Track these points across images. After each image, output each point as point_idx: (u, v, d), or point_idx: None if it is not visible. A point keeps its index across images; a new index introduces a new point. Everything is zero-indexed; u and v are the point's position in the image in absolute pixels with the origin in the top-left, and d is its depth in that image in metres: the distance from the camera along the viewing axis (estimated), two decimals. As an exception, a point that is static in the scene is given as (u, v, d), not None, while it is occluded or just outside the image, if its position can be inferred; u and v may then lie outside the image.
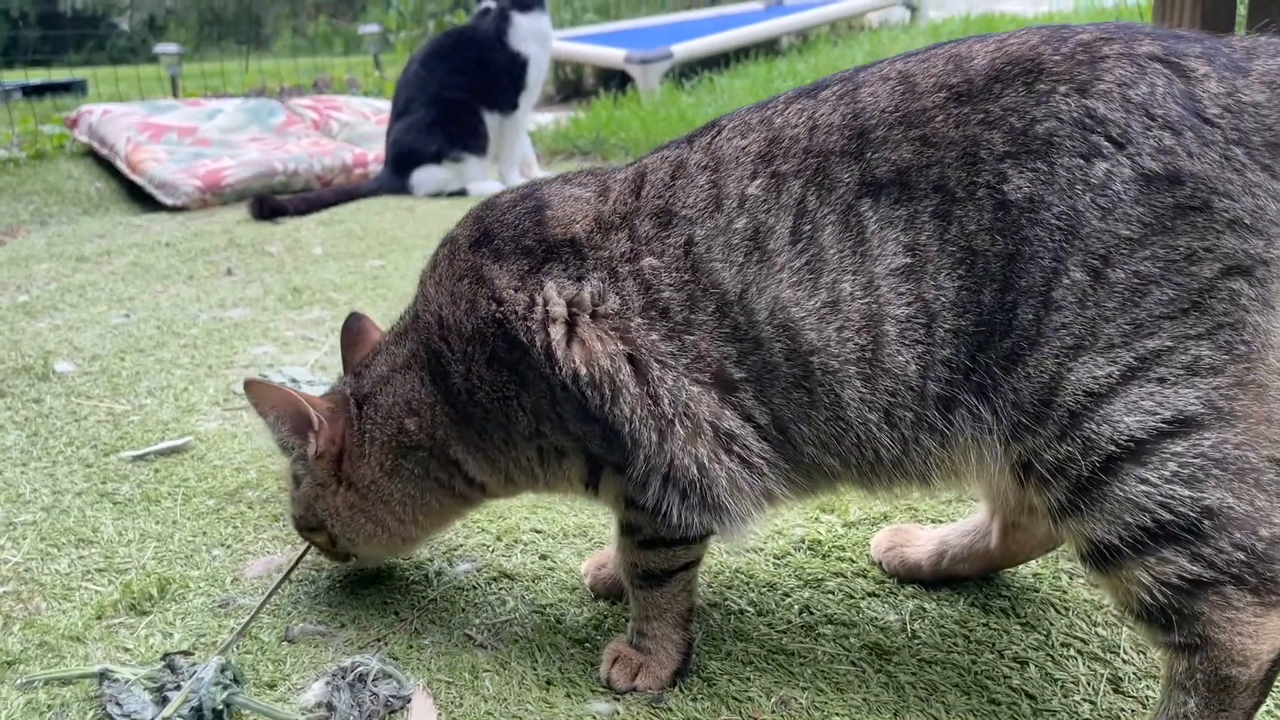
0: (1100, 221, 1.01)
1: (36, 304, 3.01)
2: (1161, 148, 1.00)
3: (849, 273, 1.10)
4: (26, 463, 1.95)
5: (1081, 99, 1.03)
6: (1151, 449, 1.00)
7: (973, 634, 1.40)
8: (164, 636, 1.42)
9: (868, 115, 1.12)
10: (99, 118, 4.93)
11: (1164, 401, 1.00)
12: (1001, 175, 1.04)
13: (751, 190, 1.15)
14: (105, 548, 1.65)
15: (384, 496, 1.40)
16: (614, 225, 1.22)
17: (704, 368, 1.17)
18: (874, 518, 1.68)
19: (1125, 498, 1.02)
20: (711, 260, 1.16)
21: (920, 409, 1.11)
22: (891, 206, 1.09)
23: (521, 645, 1.39)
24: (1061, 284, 1.02)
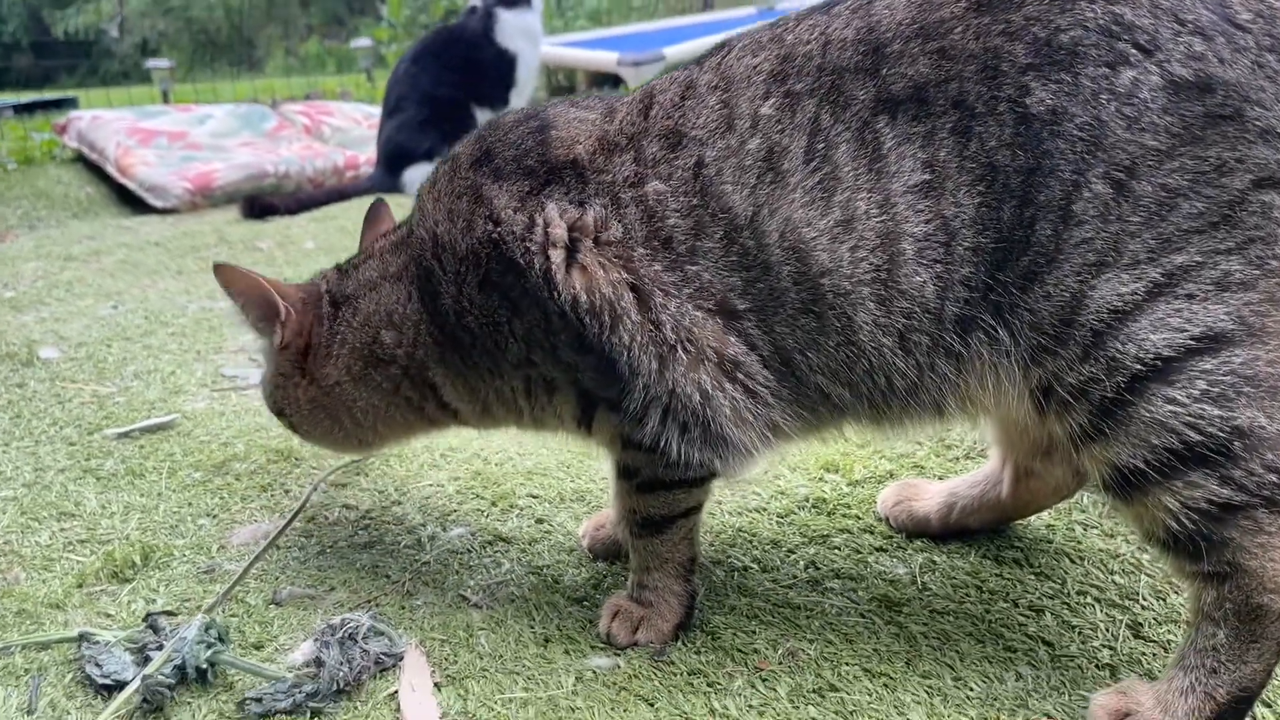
0: (1126, 131, 0.96)
1: (23, 299, 2.96)
2: (1191, 54, 0.95)
3: (864, 190, 1.05)
4: (8, 443, 1.90)
5: (1108, 5, 0.98)
6: (1179, 367, 0.96)
7: (985, 584, 1.35)
8: (147, 602, 1.37)
9: (883, 29, 1.07)
10: (88, 123, 4.89)
11: (1192, 318, 0.96)
12: (1024, 88, 0.99)
13: (765, 110, 1.10)
14: (88, 520, 1.60)
15: (346, 401, 1.37)
16: (619, 146, 1.17)
17: (708, 295, 1.12)
18: (879, 475, 1.63)
19: (1152, 419, 0.97)
20: (722, 183, 1.11)
21: (937, 331, 1.06)
22: (909, 123, 1.04)
23: (518, 605, 1.34)
24: (1082, 197, 0.97)
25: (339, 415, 1.39)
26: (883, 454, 1.70)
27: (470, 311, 1.22)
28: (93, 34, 17.07)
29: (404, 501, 1.63)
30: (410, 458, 1.79)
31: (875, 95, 1.05)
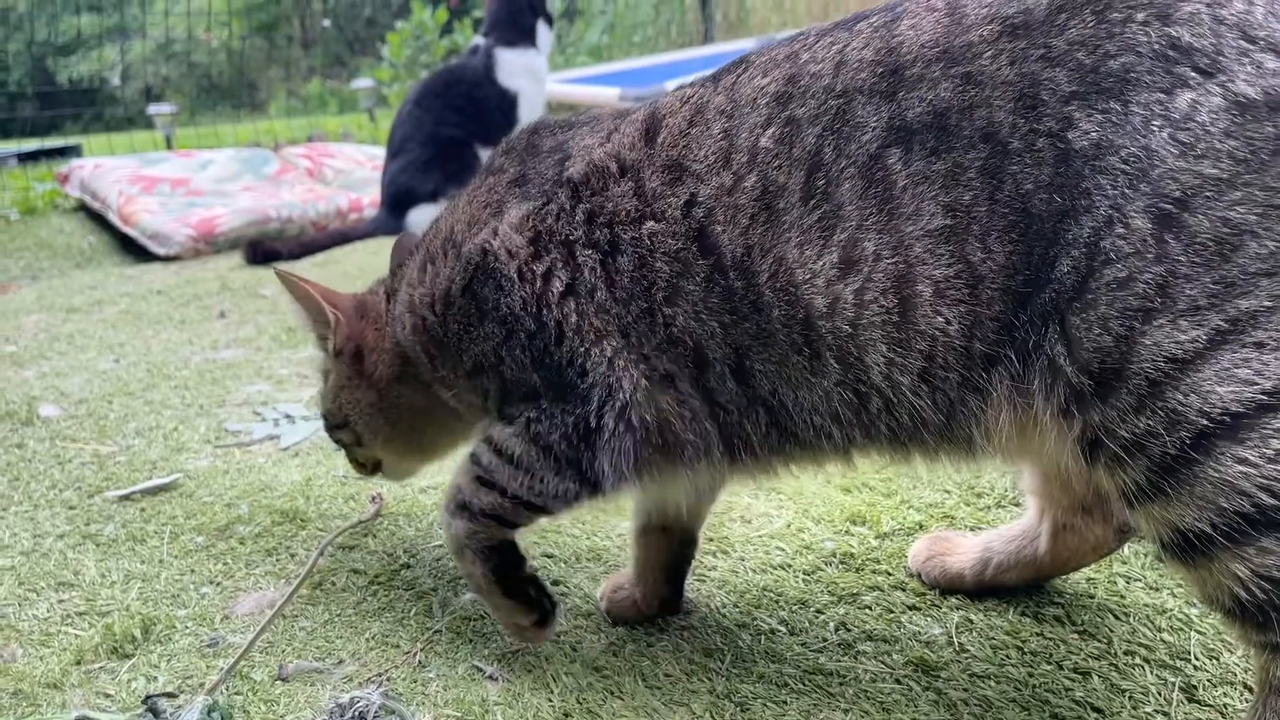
0: (1179, 160, 0.87)
1: (24, 354, 2.92)
2: (1262, 71, 0.86)
3: (873, 231, 0.99)
4: (6, 508, 1.85)
5: (1164, 26, 0.89)
6: (1251, 424, 0.86)
7: (1026, 645, 1.29)
8: (147, 680, 1.31)
9: (904, 50, 0.99)
10: (90, 172, 4.88)
11: (1264, 369, 0.86)
12: (1067, 120, 0.91)
13: (764, 142, 1.05)
14: (87, 590, 1.54)
15: (395, 399, 1.42)
16: (611, 175, 1.14)
17: (678, 345, 1.11)
18: (908, 527, 1.57)
19: (1220, 479, 0.87)
20: (713, 224, 1.07)
21: (965, 369, 0.99)
22: (927, 158, 0.96)
23: (535, 675, 1.28)
24: (1114, 233, 0.89)
25: (394, 417, 1.43)
26: (910, 504, 1.63)
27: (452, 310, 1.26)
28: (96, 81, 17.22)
29: (414, 565, 1.57)
30: (419, 516, 1.73)
31: (888, 123, 0.98)
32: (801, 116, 1.03)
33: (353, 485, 1.87)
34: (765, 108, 1.06)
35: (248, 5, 15.64)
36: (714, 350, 1.09)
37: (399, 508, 1.77)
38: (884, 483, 1.71)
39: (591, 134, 1.21)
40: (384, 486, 1.84)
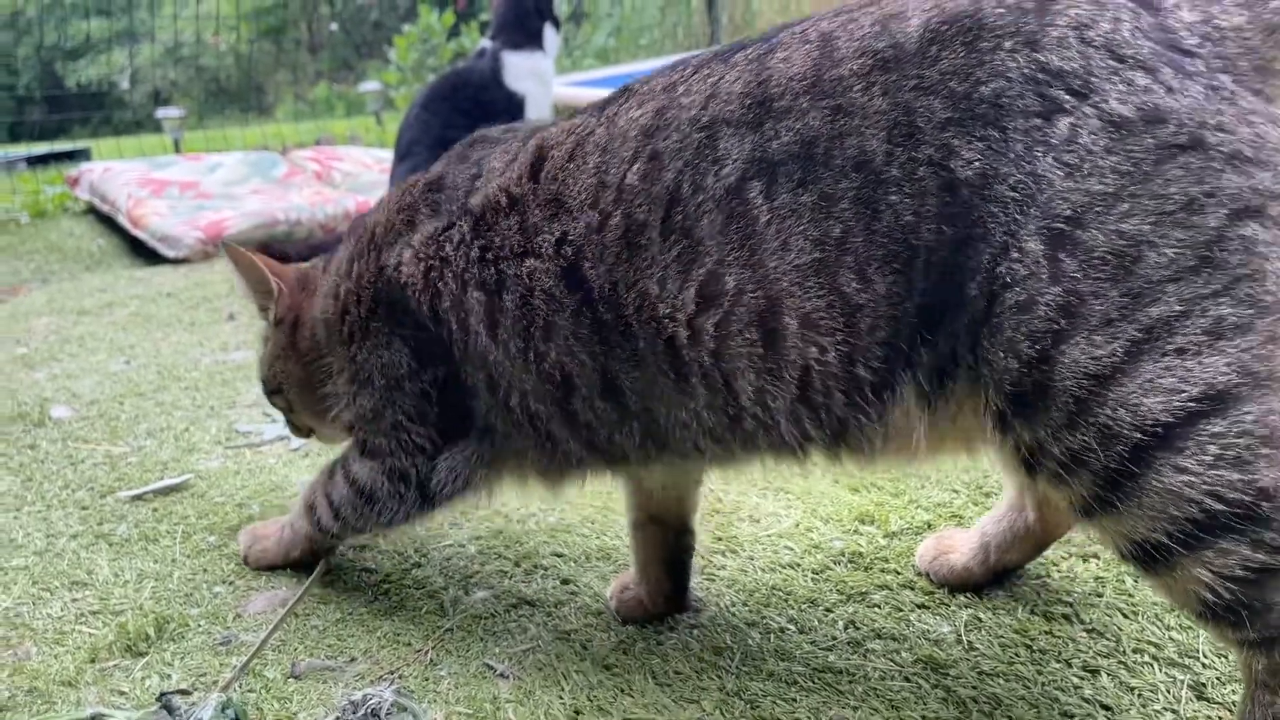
0: (1066, 181, 0.88)
1: (35, 356, 2.94)
2: (1134, 89, 0.88)
3: (738, 267, 1.00)
4: (20, 508, 1.86)
5: (1032, 53, 0.91)
6: (1184, 432, 0.86)
7: (1035, 643, 1.29)
8: (161, 677, 1.32)
9: (774, 82, 0.99)
10: (100, 175, 4.90)
11: (1188, 376, 0.86)
12: (947, 149, 0.92)
13: (630, 179, 1.06)
14: (100, 589, 1.55)
15: (317, 372, 1.45)
16: (505, 208, 1.17)
17: (550, 384, 1.16)
18: (916, 526, 1.58)
19: (1165, 489, 0.88)
20: (582, 260, 1.10)
21: (848, 392, 1.00)
22: (794, 190, 0.97)
23: (546, 673, 1.29)
24: (1009, 258, 0.90)
25: (319, 386, 1.46)
26: (919, 504, 1.64)
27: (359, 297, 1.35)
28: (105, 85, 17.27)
29: (424, 564, 1.58)
30: (430, 516, 1.74)
31: (749, 155, 0.99)
32: (663, 150, 1.04)
33: (363, 485, 1.88)
34: (634, 141, 1.07)
35: (256, 9, 15.68)
36: (583, 378, 1.13)
37: (409, 507, 1.77)
38: (892, 483, 1.71)
39: (501, 156, 1.22)
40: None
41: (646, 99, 1.09)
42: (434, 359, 1.26)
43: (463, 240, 1.20)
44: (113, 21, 10.97)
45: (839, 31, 0.99)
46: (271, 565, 1.58)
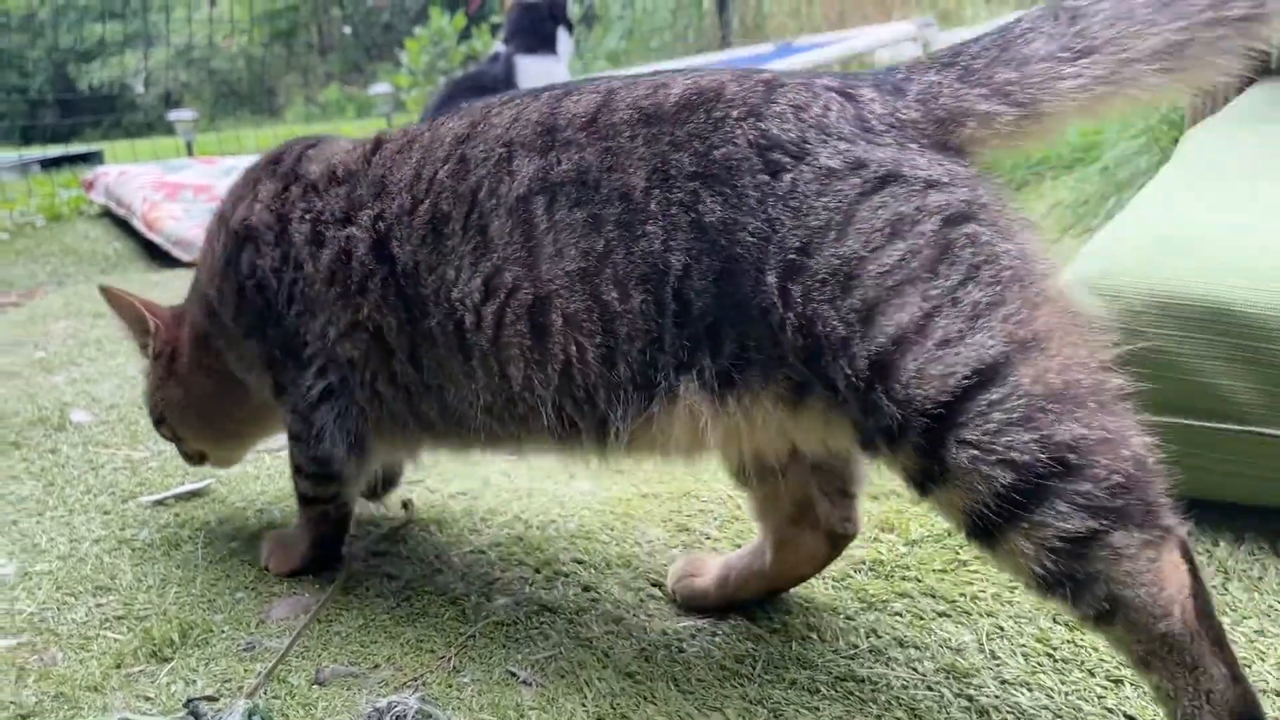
0: (793, 221, 1.03)
1: (54, 360, 2.96)
2: (839, 151, 1.03)
3: (517, 265, 1.17)
4: (42, 512, 1.87)
5: (756, 122, 1.07)
6: (964, 408, 0.95)
7: (1057, 652, 1.29)
8: (186, 683, 1.33)
9: (562, 116, 1.17)
10: (115, 179, 4.93)
11: (956, 359, 0.96)
12: (695, 195, 1.08)
13: (441, 174, 1.24)
14: (124, 594, 1.56)
15: (199, 393, 1.65)
16: (342, 180, 1.37)
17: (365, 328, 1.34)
18: (937, 534, 1.58)
19: (960, 466, 0.96)
20: (393, 238, 1.28)
21: (610, 390, 1.15)
22: (570, 208, 1.14)
23: (568, 681, 1.29)
24: (765, 286, 1.04)
25: (201, 409, 1.67)
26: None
27: (225, 284, 1.51)
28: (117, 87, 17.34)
29: (445, 570, 1.59)
30: (450, 522, 1.75)
31: (539, 173, 1.16)
32: (470, 157, 1.22)
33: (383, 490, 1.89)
34: (448, 146, 1.25)
35: (267, 12, 15.74)
36: (394, 340, 1.31)
37: (429, 513, 1.79)
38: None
39: (345, 143, 1.45)
40: (414, 492, 1.86)
41: (466, 115, 1.28)
42: (290, 301, 1.43)
43: (301, 196, 1.41)
44: (125, 24, 11.04)
45: (621, 89, 1.17)
46: (293, 570, 1.59)
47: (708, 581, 1.46)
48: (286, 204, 1.42)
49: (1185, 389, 1.43)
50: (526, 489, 1.88)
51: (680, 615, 1.45)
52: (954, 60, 1.08)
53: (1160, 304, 1.43)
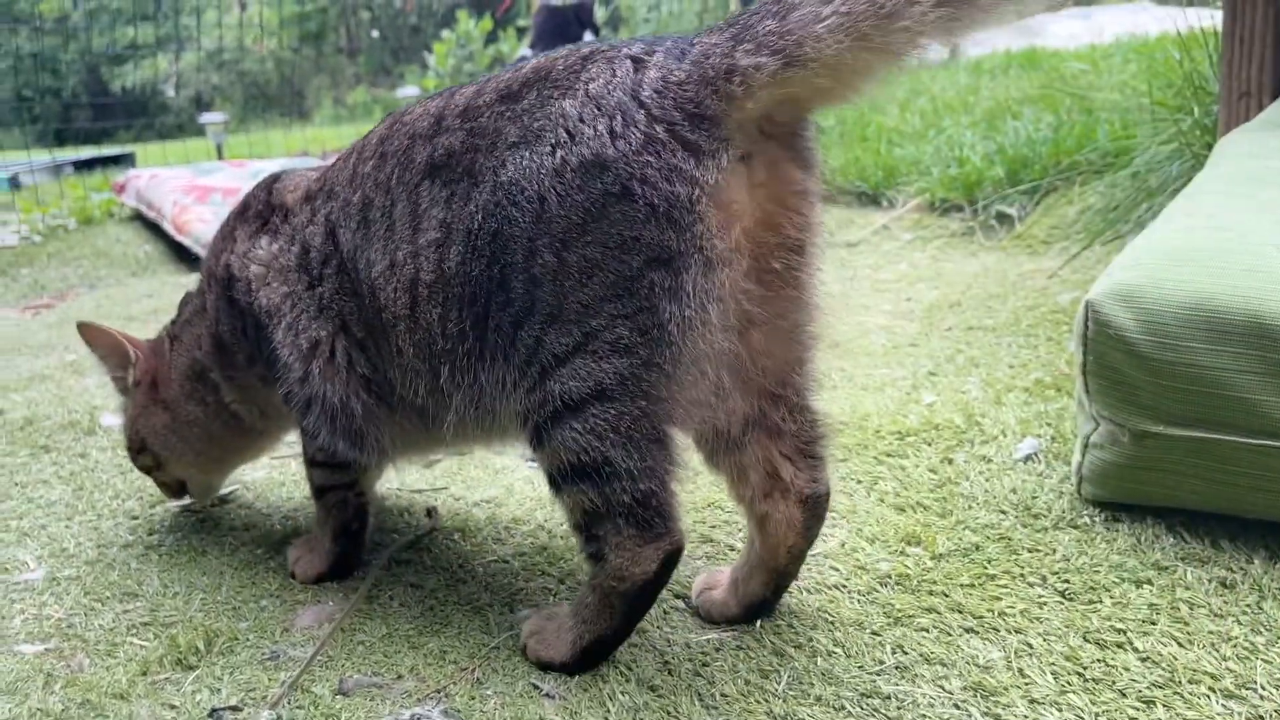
0: (559, 208, 1.14)
1: (84, 363, 2.99)
2: (595, 134, 1.12)
3: (405, 243, 1.30)
4: (71, 517, 1.89)
5: (561, 100, 1.17)
6: (580, 408, 1.19)
7: (1087, 671, 1.27)
8: (211, 692, 1.33)
9: (450, 107, 1.29)
10: (146, 182, 4.98)
11: (592, 374, 1.17)
12: (503, 162, 1.19)
13: (366, 169, 1.37)
14: (151, 600, 1.57)
15: (186, 419, 1.71)
16: (310, 197, 1.50)
17: (333, 319, 1.44)
18: (965, 549, 1.56)
19: (560, 441, 1.21)
20: (338, 227, 1.41)
21: (458, 361, 1.29)
22: (439, 187, 1.26)
23: (591, 694, 1.29)
24: (537, 262, 1.17)
25: (185, 434, 1.72)
26: (966, 525, 1.62)
27: (222, 320, 1.60)
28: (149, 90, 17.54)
29: (469, 580, 1.59)
30: (474, 530, 1.75)
31: (426, 159, 1.28)
32: (388, 151, 1.35)
33: (408, 498, 1.89)
34: (375, 144, 1.39)
35: (297, 15, 15.86)
36: (353, 326, 1.42)
37: (453, 522, 1.79)
38: (939, 502, 1.70)
39: (313, 171, 1.58)
40: (438, 499, 1.86)
41: (391, 118, 1.42)
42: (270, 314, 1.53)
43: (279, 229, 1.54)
44: (157, 27, 11.14)
45: (505, 75, 1.29)
46: (319, 575, 1.60)
47: (724, 592, 1.45)
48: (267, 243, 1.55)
49: (1221, 404, 1.40)
50: (550, 497, 1.87)
51: (704, 628, 1.44)
52: (738, 19, 1.13)
53: (1195, 317, 1.40)
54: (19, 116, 12.03)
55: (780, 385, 1.32)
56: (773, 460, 1.35)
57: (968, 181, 3.85)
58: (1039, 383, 2.10)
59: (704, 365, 1.19)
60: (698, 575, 1.52)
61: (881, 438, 1.96)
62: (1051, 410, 1.94)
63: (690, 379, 1.19)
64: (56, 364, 2.99)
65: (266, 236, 1.54)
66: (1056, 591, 1.43)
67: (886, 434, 1.97)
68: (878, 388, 2.28)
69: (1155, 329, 1.42)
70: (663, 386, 1.18)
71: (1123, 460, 1.51)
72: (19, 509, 1.93)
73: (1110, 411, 1.50)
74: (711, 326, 1.16)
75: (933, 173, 4.09)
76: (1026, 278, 3.06)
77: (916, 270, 3.40)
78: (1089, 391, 1.52)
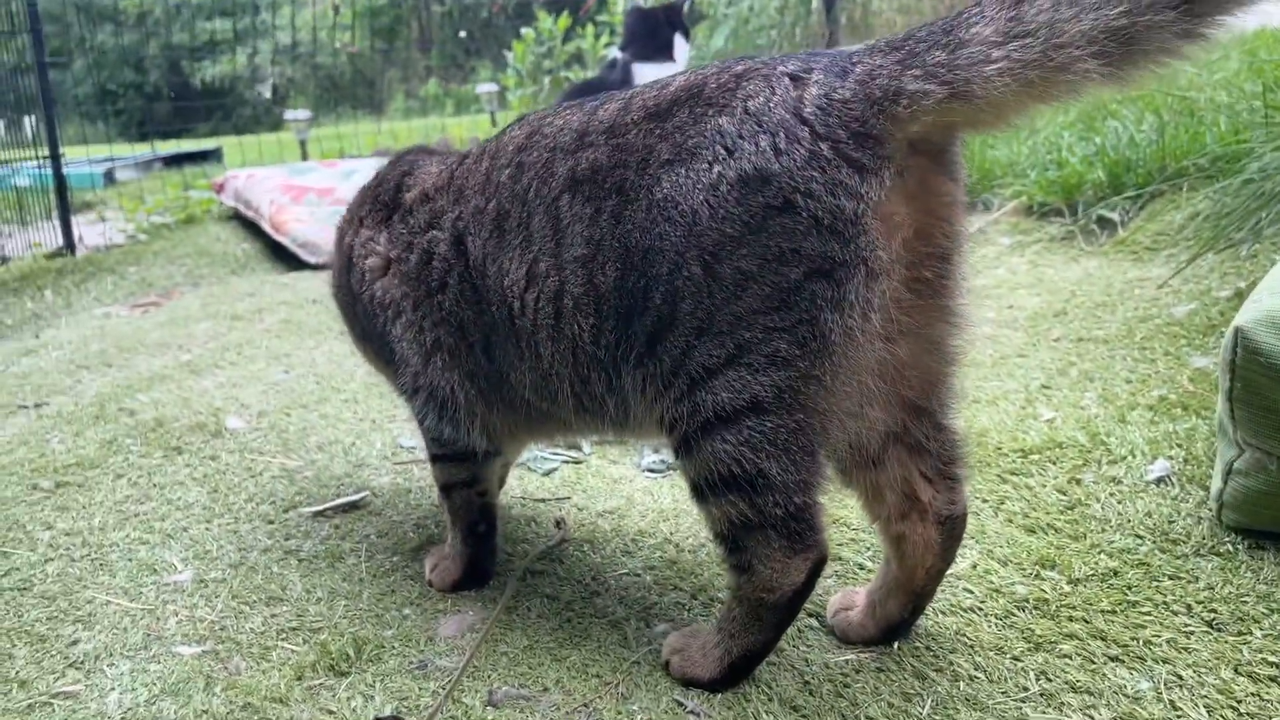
0: (710, 220, 1.17)
1: (200, 362, 3.09)
2: (758, 150, 1.15)
3: (547, 255, 1.33)
4: (210, 519, 1.97)
5: (718, 118, 1.20)
6: (733, 420, 1.21)
7: (1241, 705, 1.26)
8: (365, 699, 1.38)
9: (593, 124, 1.32)
10: (244, 182, 5.12)
11: (747, 386, 1.20)
12: (657, 179, 1.22)
13: (502, 178, 1.41)
14: (296, 605, 1.63)
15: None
16: (430, 197, 1.55)
17: (451, 319, 1.49)
18: (1102, 573, 1.55)
19: (711, 453, 1.24)
20: (467, 235, 1.45)
21: (598, 368, 1.33)
22: (583, 202, 1.29)
23: (735, 712, 1.31)
24: (682, 275, 1.20)
25: None
26: (1101, 549, 1.61)
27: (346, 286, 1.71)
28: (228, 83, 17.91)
29: (603, 593, 1.62)
30: (601, 543, 1.78)
31: (568, 174, 1.31)
32: (526, 162, 1.38)
33: (532, 507, 1.93)
34: (510, 153, 1.42)
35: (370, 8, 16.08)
36: (471, 333, 1.47)
37: (580, 533, 1.82)
38: (1070, 524, 1.68)
39: (438, 164, 1.62)
40: (563, 510, 1.89)
41: (527, 125, 1.44)
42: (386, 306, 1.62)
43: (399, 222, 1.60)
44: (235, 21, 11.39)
45: (640, 92, 1.33)
46: (455, 583, 1.65)
47: (861, 614, 1.47)
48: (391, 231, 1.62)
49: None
50: (672, 509, 1.90)
51: (840, 648, 1.45)
52: (904, 42, 1.16)
53: (1352, 345, 1.38)
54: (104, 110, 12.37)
55: (925, 399, 1.33)
56: (912, 480, 1.36)
57: (1067, 184, 3.78)
58: (1164, 400, 2.07)
59: (863, 376, 1.21)
60: (831, 595, 1.53)
61: (1004, 455, 1.95)
62: (1181, 430, 1.91)
63: (848, 390, 1.21)
64: (173, 363, 3.09)
65: (386, 233, 1.60)
66: (1203, 621, 1.41)
67: (1009, 451, 1.95)
68: (990, 401, 2.27)
69: (1310, 357, 1.40)
70: (821, 398, 1.20)
71: (1269, 488, 1.49)
72: (160, 510, 2.01)
73: (1258, 439, 1.48)
74: (873, 335, 1.18)
75: (1030, 175, 4.02)
76: (1134, 286, 3.00)
77: (1016, 276, 3.36)
78: (1234, 418, 1.50)
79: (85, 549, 1.87)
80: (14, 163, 5.15)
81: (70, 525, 1.96)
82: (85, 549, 1.87)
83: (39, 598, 1.71)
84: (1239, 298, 2.56)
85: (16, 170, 5.21)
